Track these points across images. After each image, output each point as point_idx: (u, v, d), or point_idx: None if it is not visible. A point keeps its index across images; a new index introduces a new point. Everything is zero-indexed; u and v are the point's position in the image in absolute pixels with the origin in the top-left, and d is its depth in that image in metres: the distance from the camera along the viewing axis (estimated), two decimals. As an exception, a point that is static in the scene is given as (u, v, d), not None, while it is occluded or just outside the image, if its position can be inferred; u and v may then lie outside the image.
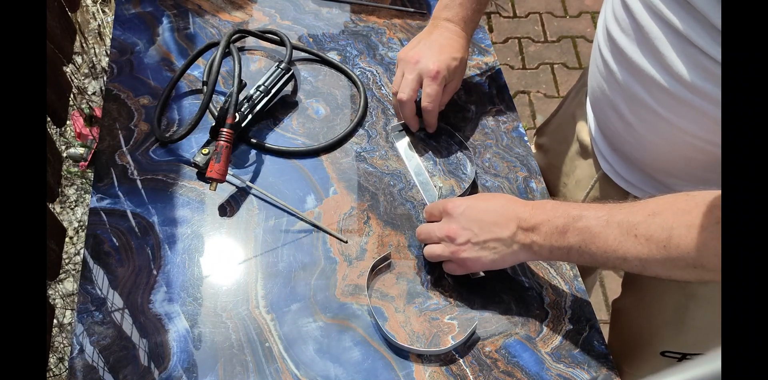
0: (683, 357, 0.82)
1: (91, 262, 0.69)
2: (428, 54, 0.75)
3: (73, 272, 1.50)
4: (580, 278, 0.70)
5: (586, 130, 0.80)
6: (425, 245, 0.68)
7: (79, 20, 1.82)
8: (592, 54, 0.74)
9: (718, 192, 0.50)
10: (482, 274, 0.68)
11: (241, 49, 0.89)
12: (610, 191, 0.78)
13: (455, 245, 0.63)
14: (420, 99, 0.77)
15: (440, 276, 0.70)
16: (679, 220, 0.51)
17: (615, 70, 0.65)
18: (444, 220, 0.65)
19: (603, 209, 0.56)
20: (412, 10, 0.95)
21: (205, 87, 0.76)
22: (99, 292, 0.67)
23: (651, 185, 0.72)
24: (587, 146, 0.80)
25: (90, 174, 1.64)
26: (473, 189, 0.77)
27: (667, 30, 0.57)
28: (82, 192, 1.65)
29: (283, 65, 0.81)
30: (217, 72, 0.74)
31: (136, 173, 0.76)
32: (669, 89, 0.58)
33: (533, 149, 0.94)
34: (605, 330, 0.72)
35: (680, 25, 0.55)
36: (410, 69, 0.76)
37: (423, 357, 0.64)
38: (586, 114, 0.80)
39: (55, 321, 1.38)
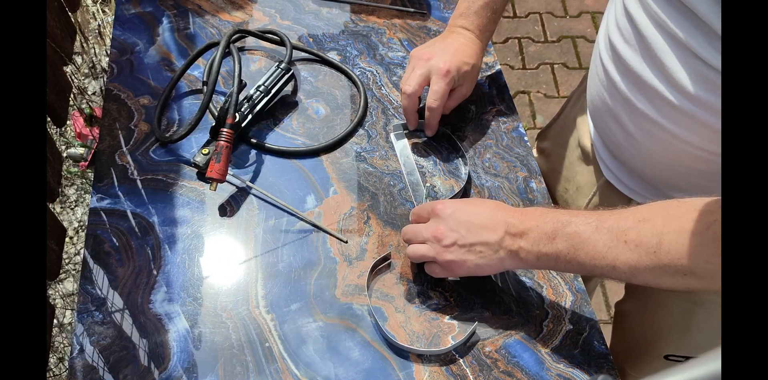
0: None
1: (91, 262, 0.69)
2: (441, 54, 0.76)
3: (73, 272, 1.50)
4: (580, 278, 0.70)
5: (587, 136, 0.79)
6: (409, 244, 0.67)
7: (79, 20, 1.82)
8: (592, 62, 0.73)
9: (710, 198, 0.49)
10: (458, 278, 0.68)
11: (241, 49, 0.89)
12: (612, 197, 0.77)
13: (441, 247, 0.62)
14: (425, 104, 0.77)
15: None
16: (670, 225, 0.50)
17: (616, 79, 0.65)
18: (432, 221, 0.64)
19: (593, 215, 0.55)
20: (412, 10, 0.95)
21: (205, 87, 0.76)
22: (99, 292, 0.67)
23: (654, 193, 0.72)
24: (589, 152, 0.80)
25: (90, 174, 1.64)
26: (465, 192, 0.77)
27: (670, 40, 0.56)
28: (82, 192, 1.65)
29: (283, 65, 0.81)
30: (217, 72, 0.74)
31: (136, 173, 0.76)
32: (671, 100, 0.58)
33: (535, 153, 0.94)
34: (605, 330, 0.72)
35: (682, 35, 0.54)
36: (421, 65, 0.76)
37: (423, 357, 0.64)
38: (587, 120, 0.80)
39: (55, 321, 1.38)
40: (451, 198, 0.75)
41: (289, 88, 0.85)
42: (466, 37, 0.79)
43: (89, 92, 1.80)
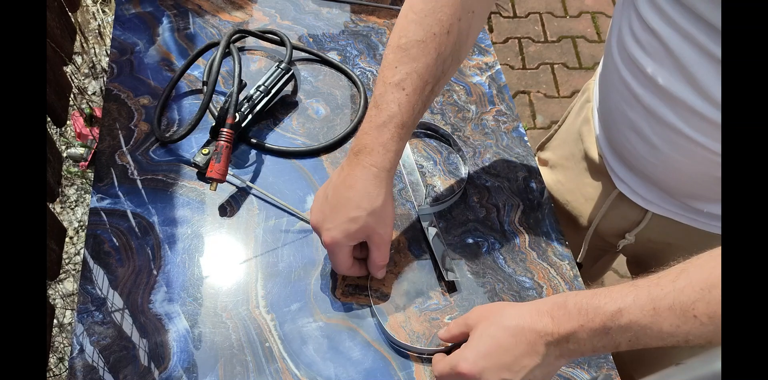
0: None
1: (91, 262, 0.69)
2: (321, 220, 0.64)
3: (73, 272, 1.50)
4: (580, 279, 0.70)
5: (594, 147, 0.78)
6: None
7: (79, 20, 1.82)
8: (604, 75, 0.72)
9: None
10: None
11: (241, 49, 0.89)
12: (625, 208, 0.76)
13: None
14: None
15: (440, 276, 0.70)
16: None
17: (638, 92, 0.63)
18: None
19: (641, 295, 0.49)
20: (412, 10, 0.95)
21: (205, 87, 0.76)
22: (99, 292, 0.67)
23: (671, 203, 0.71)
24: (598, 164, 0.78)
25: (90, 174, 1.64)
26: (465, 192, 0.77)
27: (701, 53, 0.55)
28: (82, 192, 1.65)
29: (283, 65, 0.81)
30: (217, 72, 0.74)
31: (136, 173, 0.76)
32: (701, 112, 0.57)
33: (537, 164, 0.93)
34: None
35: (714, 48, 0.53)
36: (319, 235, 0.65)
37: (423, 357, 0.64)
38: (594, 132, 0.78)
39: (55, 321, 1.38)
40: (449, 199, 0.75)
41: (289, 88, 0.85)
42: (361, 176, 0.62)
43: (89, 92, 1.80)
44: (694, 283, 0.48)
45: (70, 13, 0.98)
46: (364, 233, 0.63)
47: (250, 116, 0.78)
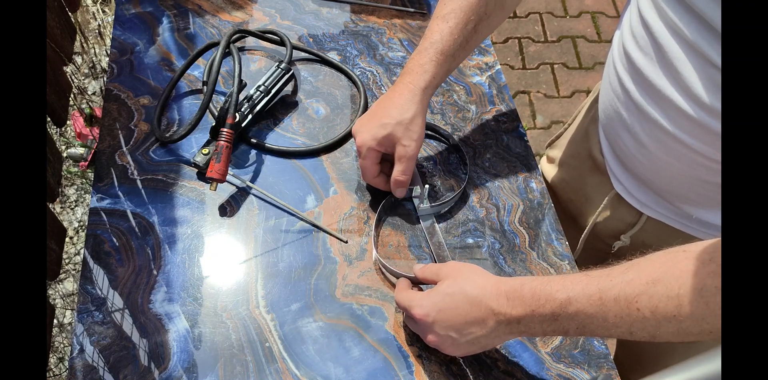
0: None
1: (91, 262, 0.69)
2: (359, 126, 0.71)
3: (73, 272, 1.50)
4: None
5: (598, 147, 0.78)
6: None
7: (79, 20, 1.82)
8: (605, 71, 0.72)
9: (714, 241, 0.46)
10: None
11: (241, 49, 0.89)
12: (621, 210, 0.76)
13: (443, 347, 0.60)
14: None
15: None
16: (686, 285, 0.46)
17: (631, 88, 0.64)
18: (419, 328, 0.61)
19: (591, 285, 0.51)
20: (412, 10, 0.95)
21: (205, 87, 0.76)
22: (99, 292, 0.67)
23: (664, 207, 0.71)
24: (600, 163, 0.78)
25: (90, 174, 1.64)
26: (465, 192, 0.77)
27: (687, 49, 0.55)
28: (82, 192, 1.65)
29: (283, 65, 0.81)
30: (217, 72, 0.74)
31: (136, 173, 0.76)
32: (686, 110, 0.57)
33: (545, 161, 0.93)
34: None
35: (700, 44, 0.53)
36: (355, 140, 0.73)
37: (423, 357, 0.64)
38: (598, 130, 0.78)
39: (55, 321, 1.38)
40: (449, 199, 0.75)
41: (289, 88, 0.85)
42: (398, 91, 0.71)
43: (89, 92, 1.80)
44: (642, 276, 0.49)
45: (70, 13, 0.98)
46: (390, 141, 0.69)
47: (250, 116, 0.78)
